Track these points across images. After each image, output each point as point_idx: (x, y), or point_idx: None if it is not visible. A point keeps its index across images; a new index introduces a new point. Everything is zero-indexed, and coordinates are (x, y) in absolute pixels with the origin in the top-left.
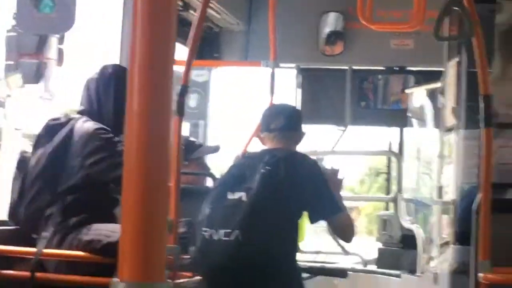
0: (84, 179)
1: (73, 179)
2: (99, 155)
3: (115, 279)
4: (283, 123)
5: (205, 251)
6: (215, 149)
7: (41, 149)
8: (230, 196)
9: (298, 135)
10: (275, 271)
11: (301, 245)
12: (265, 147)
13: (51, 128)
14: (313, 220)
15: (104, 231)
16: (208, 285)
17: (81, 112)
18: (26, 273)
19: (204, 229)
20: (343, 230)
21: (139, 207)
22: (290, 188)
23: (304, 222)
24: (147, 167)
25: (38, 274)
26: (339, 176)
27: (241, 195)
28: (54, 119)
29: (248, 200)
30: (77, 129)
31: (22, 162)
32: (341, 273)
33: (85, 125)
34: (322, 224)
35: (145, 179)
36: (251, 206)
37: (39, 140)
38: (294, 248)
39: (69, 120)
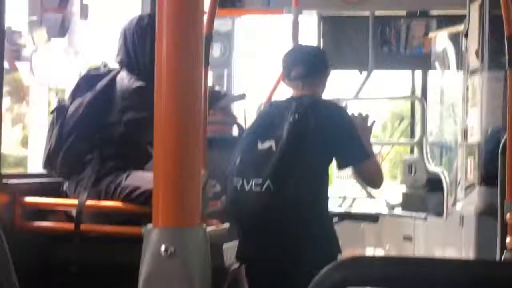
0: (121, 133)
1: (110, 130)
2: (138, 114)
3: (149, 225)
4: (303, 70)
5: (237, 201)
6: (241, 96)
7: (79, 98)
8: (260, 145)
9: (321, 79)
10: (307, 218)
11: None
12: (291, 95)
13: (91, 78)
14: (340, 166)
15: (144, 178)
16: (241, 234)
17: (119, 63)
18: (70, 225)
19: (235, 179)
20: (371, 177)
21: (172, 152)
22: (318, 135)
23: (331, 168)
24: (178, 113)
25: (82, 226)
26: (369, 123)
27: (270, 144)
28: (94, 69)
29: (278, 149)
30: (118, 82)
31: (60, 110)
32: (373, 218)
33: (126, 79)
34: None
35: (177, 125)
36: (281, 155)
37: (78, 89)
38: (325, 194)
39: (109, 71)
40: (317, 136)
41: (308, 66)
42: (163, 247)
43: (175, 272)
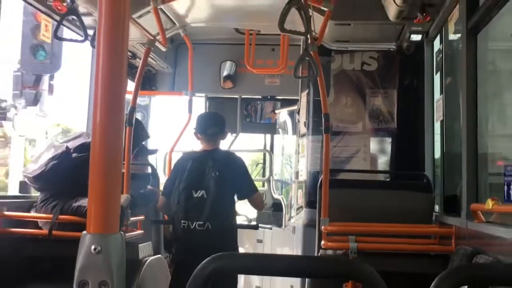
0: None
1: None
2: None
3: (84, 232)
4: (218, 130)
5: (185, 237)
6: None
7: (76, 154)
8: (195, 194)
9: (223, 135)
10: (228, 237)
11: None
12: (202, 147)
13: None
14: (241, 199)
15: (86, 200)
16: (179, 250)
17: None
18: (45, 231)
19: (182, 221)
20: (258, 204)
21: (101, 181)
22: (230, 180)
23: None
24: (107, 158)
25: (53, 232)
26: None
27: (202, 193)
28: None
29: (209, 198)
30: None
31: (65, 152)
32: (254, 226)
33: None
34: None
35: (105, 165)
36: (212, 202)
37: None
38: (235, 215)
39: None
40: (229, 181)
41: (220, 127)
42: (92, 247)
43: (100, 264)
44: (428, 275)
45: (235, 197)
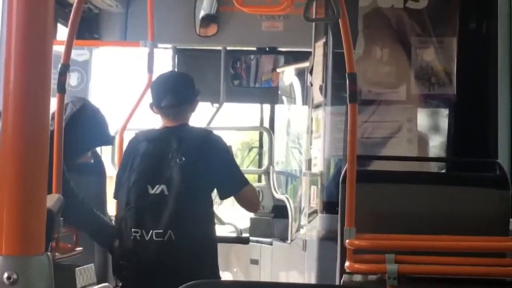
0: None
1: None
2: None
3: None
4: (173, 100)
5: (137, 253)
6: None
7: None
8: (151, 190)
9: (191, 106)
10: (199, 255)
11: None
12: (162, 124)
13: None
14: (224, 197)
15: None
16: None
17: None
18: None
19: (133, 230)
20: (251, 202)
21: (17, 178)
22: (205, 170)
23: None
24: (25, 142)
25: None
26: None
27: (162, 188)
28: None
29: (172, 195)
30: None
31: None
32: (243, 240)
33: None
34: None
35: (23, 153)
36: (176, 201)
37: None
38: (213, 222)
39: None
40: (203, 172)
41: (176, 96)
42: (5, 275)
43: None
44: None
45: (215, 195)
